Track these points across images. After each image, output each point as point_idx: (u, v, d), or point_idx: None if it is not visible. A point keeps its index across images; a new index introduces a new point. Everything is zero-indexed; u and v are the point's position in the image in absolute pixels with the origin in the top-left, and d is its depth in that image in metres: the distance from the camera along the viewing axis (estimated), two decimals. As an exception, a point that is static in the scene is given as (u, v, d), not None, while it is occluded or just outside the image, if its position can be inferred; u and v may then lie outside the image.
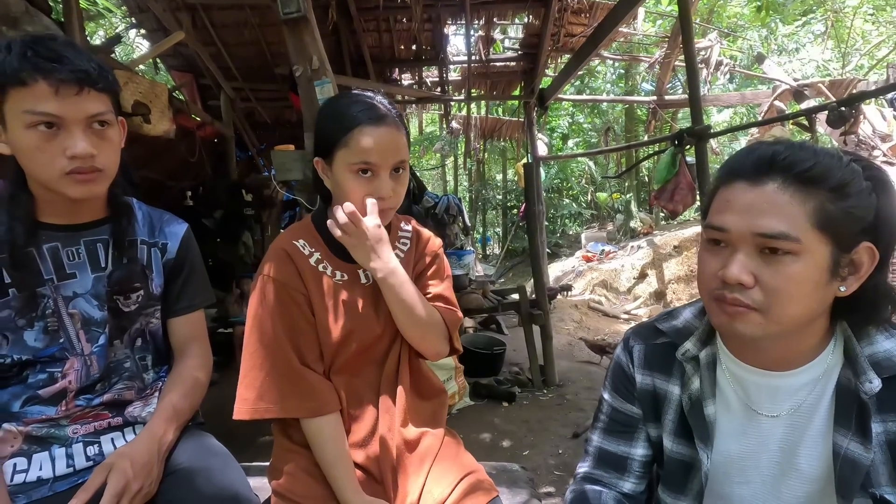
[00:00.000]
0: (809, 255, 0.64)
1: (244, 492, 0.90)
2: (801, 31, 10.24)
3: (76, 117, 0.84)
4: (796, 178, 0.64)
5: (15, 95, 0.82)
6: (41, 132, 0.83)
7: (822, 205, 0.63)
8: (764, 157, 0.66)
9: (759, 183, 0.66)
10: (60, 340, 0.92)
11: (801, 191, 0.64)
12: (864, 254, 0.66)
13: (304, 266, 0.96)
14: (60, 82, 0.82)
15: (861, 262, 0.66)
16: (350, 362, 0.98)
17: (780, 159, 0.65)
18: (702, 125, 3.26)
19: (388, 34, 5.60)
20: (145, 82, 3.24)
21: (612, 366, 0.88)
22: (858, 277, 0.67)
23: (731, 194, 0.68)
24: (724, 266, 0.67)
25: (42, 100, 0.82)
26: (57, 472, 0.90)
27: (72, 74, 0.83)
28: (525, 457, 2.53)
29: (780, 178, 0.65)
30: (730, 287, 0.67)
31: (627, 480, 0.85)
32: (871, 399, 0.67)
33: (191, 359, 1.06)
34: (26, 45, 0.82)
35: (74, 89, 0.83)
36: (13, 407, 0.90)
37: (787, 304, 0.65)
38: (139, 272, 1.01)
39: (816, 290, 0.65)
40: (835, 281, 0.66)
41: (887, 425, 0.67)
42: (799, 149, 0.66)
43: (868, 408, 0.67)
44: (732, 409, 0.78)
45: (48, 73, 0.81)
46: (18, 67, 0.81)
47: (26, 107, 0.82)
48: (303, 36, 2.47)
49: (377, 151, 0.91)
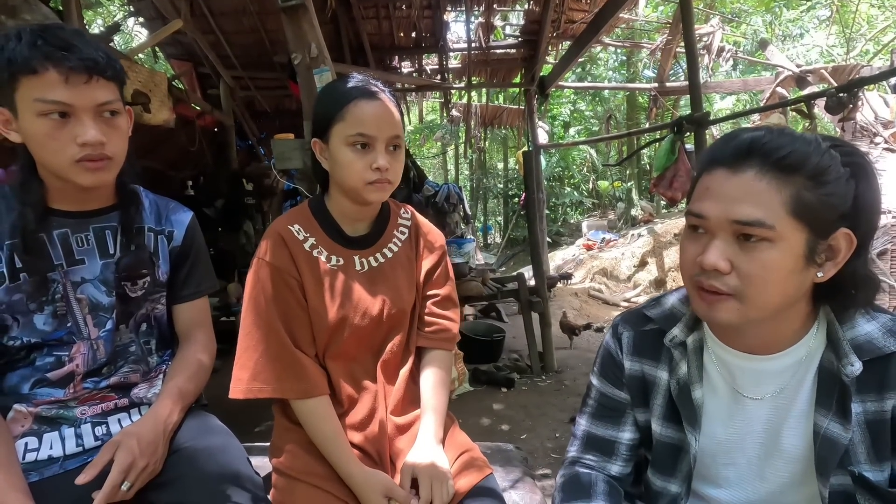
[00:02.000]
0: (785, 242, 0.65)
1: (244, 469, 0.94)
2: (806, 16, 10.10)
3: (86, 105, 0.86)
4: (774, 164, 0.65)
5: (26, 84, 0.83)
6: (52, 120, 0.84)
7: (798, 192, 0.64)
8: (742, 144, 0.67)
9: (738, 170, 0.66)
10: (68, 325, 0.95)
11: (778, 178, 0.64)
12: (842, 240, 0.66)
13: (297, 250, 0.98)
14: (70, 70, 0.83)
15: (839, 248, 0.67)
16: (346, 348, 1.00)
17: (758, 146, 0.65)
18: (701, 112, 3.25)
19: (388, 21, 5.56)
20: (144, 71, 3.23)
21: (601, 352, 0.90)
22: (836, 263, 0.68)
23: (710, 181, 0.69)
24: (703, 252, 0.68)
25: (52, 88, 0.83)
26: (67, 451, 0.93)
27: (81, 63, 0.84)
28: (523, 440, 2.57)
29: (757, 164, 0.65)
30: (707, 273, 0.68)
31: (615, 463, 0.87)
32: (851, 381, 0.68)
33: (195, 344, 1.09)
34: (36, 34, 0.83)
35: (84, 77, 0.85)
36: (23, 389, 0.93)
37: (762, 290, 0.66)
38: (146, 259, 1.03)
39: (792, 277, 0.66)
40: (811, 267, 0.67)
41: (866, 405, 0.69)
42: (777, 135, 0.66)
43: (848, 389, 0.68)
44: (719, 393, 0.80)
45: (58, 62, 0.83)
46: (29, 56, 0.82)
47: (37, 95, 0.83)
48: (301, 23, 2.46)
49: (373, 123, 0.93)
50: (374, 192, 0.96)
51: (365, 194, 0.96)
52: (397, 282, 1.04)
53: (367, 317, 1.00)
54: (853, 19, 9.28)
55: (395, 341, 1.04)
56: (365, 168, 0.94)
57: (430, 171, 16.03)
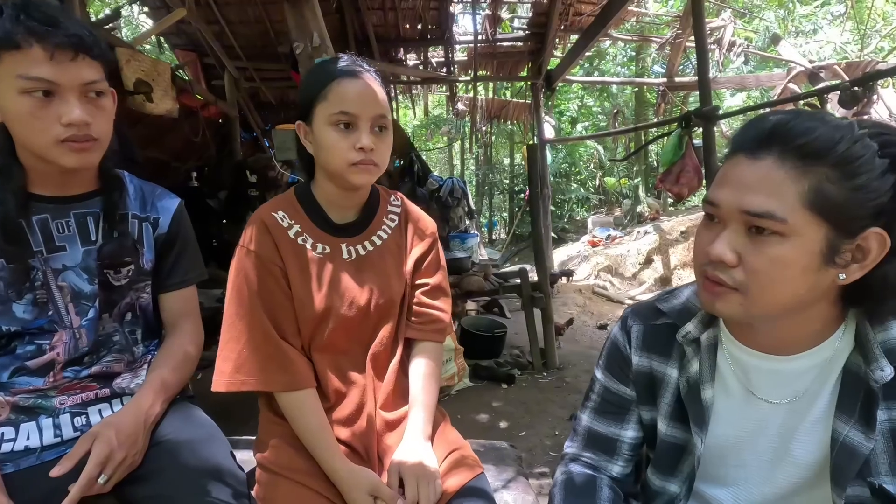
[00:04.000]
0: (798, 237, 0.59)
1: (227, 463, 0.91)
2: (820, 11, 9.94)
3: (71, 84, 0.83)
4: (795, 151, 0.59)
5: (7, 59, 0.80)
6: (36, 99, 0.81)
7: (819, 184, 0.58)
8: (764, 128, 0.62)
9: (758, 157, 0.61)
10: (49, 313, 0.92)
11: (799, 166, 0.59)
12: (873, 240, 0.60)
13: (281, 238, 0.95)
14: (56, 47, 0.80)
15: (868, 249, 0.60)
16: (333, 339, 0.97)
17: (780, 131, 0.60)
18: (710, 107, 3.19)
19: (393, 13, 5.50)
20: (148, 60, 3.21)
21: (608, 345, 0.86)
22: (863, 266, 0.61)
23: (730, 168, 0.65)
24: (712, 242, 0.65)
25: (37, 64, 0.80)
26: (44, 442, 0.90)
27: (67, 39, 0.81)
28: (521, 437, 2.55)
29: (777, 151, 0.60)
30: (713, 264, 0.65)
31: (616, 463, 0.84)
32: (880, 387, 0.63)
33: (182, 334, 1.06)
34: (18, 8, 0.80)
35: (70, 55, 0.82)
36: (1, 377, 0.91)
37: (767, 286, 0.62)
38: (130, 246, 1.00)
39: (805, 275, 0.61)
40: (831, 267, 0.61)
41: (892, 413, 0.64)
42: (805, 119, 0.60)
43: (876, 395, 0.64)
44: (731, 393, 0.75)
45: (43, 37, 0.79)
46: (11, 30, 0.78)
47: (20, 71, 0.79)
48: (304, 12, 2.43)
49: (355, 101, 0.90)
50: (359, 175, 0.92)
51: (349, 176, 0.92)
52: (386, 271, 1.01)
53: (355, 307, 0.97)
54: (868, 15, 9.11)
55: (384, 332, 1.01)
56: (348, 148, 0.90)
57: (436, 166, 15.98)
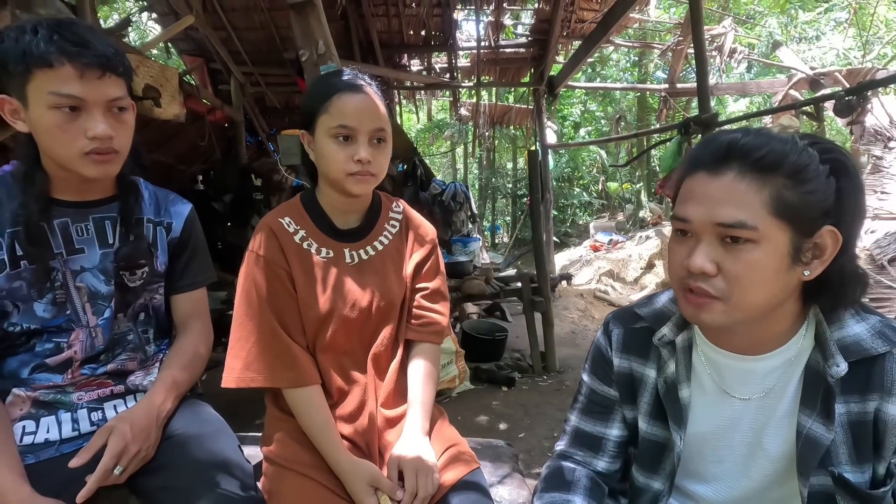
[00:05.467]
0: (768, 241, 0.65)
1: (235, 457, 0.96)
2: (823, 18, 9.95)
3: (97, 100, 0.88)
4: (752, 165, 0.65)
5: (40, 76, 0.85)
6: (63, 113, 0.86)
7: (778, 191, 0.64)
8: (721, 146, 0.67)
9: (719, 172, 0.67)
10: (67, 312, 0.97)
11: (758, 178, 0.65)
12: (828, 237, 0.67)
13: (287, 243, 1.00)
14: (85, 66, 0.85)
15: (825, 245, 0.67)
16: (336, 340, 1.01)
17: (735, 148, 0.66)
18: (709, 113, 3.23)
19: (398, 19, 5.58)
20: (156, 66, 3.28)
21: (593, 348, 0.91)
22: (823, 261, 0.68)
23: (693, 185, 0.70)
24: (689, 255, 0.69)
25: (67, 82, 0.85)
26: (63, 435, 0.95)
27: (96, 59, 0.86)
28: (520, 439, 2.58)
29: (737, 166, 0.66)
30: (694, 276, 0.69)
31: (601, 459, 0.88)
32: (836, 382, 0.68)
33: (192, 334, 1.11)
34: (52, 29, 0.85)
35: (97, 73, 0.87)
36: (22, 373, 0.95)
37: (748, 290, 0.67)
38: (145, 249, 1.05)
39: (778, 276, 0.67)
40: (797, 266, 0.67)
41: (849, 406, 0.69)
42: (755, 136, 0.66)
43: (833, 390, 0.69)
44: (707, 392, 0.80)
45: (74, 57, 0.85)
46: (45, 50, 0.84)
47: (51, 88, 0.85)
48: (309, 20, 2.48)
49: (354, 115, 0.95)
50: (356, 184, 0.97)
51: (347, 185, 0.97)
52: (387, 274, 1.05)
53: (357, 308, 1.01)
54: (871, 22, 9.14)
55: (384, 334, 1.05)
56: (346, 160, 0.95)
57: (439, 170, 16.05)
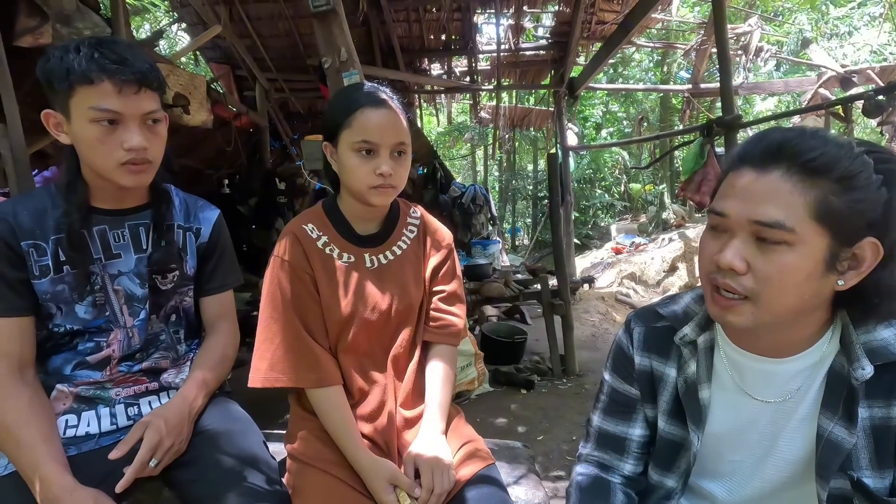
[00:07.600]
0: (805, 246, 0.63)
1: (261, 453, 1.00)
2: (856, 13, 9.63)
3: (134, 114, 0.94)
4: (802, 166, 0.63)
5: (82, 92, 0.91)
6: (103, 126, 0.93)
7: (824, 196, 0.62)
8: (772, 144, 0.65)
9: (765, 170, 0.65)
10: (106, 313, 1.03)
11: (805, 180, 0.63)
12: (868, 249, 0.64)
13: (310, 248, 1.04)
14: (123, 83, 0.92)
15: (863, 257, 0.65)
16: (357, 342, 1.05)
17: (787, 147, 0.64)
18: (732, 115, 3.18)
19: (418, 24, 5.64)
20: (185, 75, 3.39)
21: (614, 347, 0.91)
22: (859, 273, 0.66)
23: (736, 180, 0.68)
24: (720, 250, 0.68)
25: (107, 97, 0.91)
26: (102, 429, 1.01)
27: (133, 76, 0.92)
28: (539, 442, 2.58)
29: (785, 165, 0.64)
30: (722, 272, 0.68)
31: (627, 462, 0.88)
32: (860, 385, 0.67)
33: (220, 335, 1.17)
34: (93, 47, 0.92)
35: (134, 88, 0.93)
36: (65, 370, 1.02)
37: (777, 293, 0.65)
38: (175, 254, 1.10)
39: (809, 282, 0.65)
40: (832, 274, 0.66)
41: (873, 411, 0.68)
42: (809, 137, 0.64)
43: (857, 393, 0.68)
44: (727, 393, 0.80)
45: (113, 74, 0.91)
46: (87, 67, 0.90)
47: (92, 103, 0.91)
48: (332, 28, 2.55)
49: (377, 130, 0.98)
50: (377, 196, 1.01)
51: (368, 197, 1.01)
52: (405, 278, 1.09)
53: (377, 311, 1.05)
54: (907, 16, 8.81)
55: (403, 336, 1.08)
56: (368, 173, 0.99)
57: (459, 172, 16.07)
